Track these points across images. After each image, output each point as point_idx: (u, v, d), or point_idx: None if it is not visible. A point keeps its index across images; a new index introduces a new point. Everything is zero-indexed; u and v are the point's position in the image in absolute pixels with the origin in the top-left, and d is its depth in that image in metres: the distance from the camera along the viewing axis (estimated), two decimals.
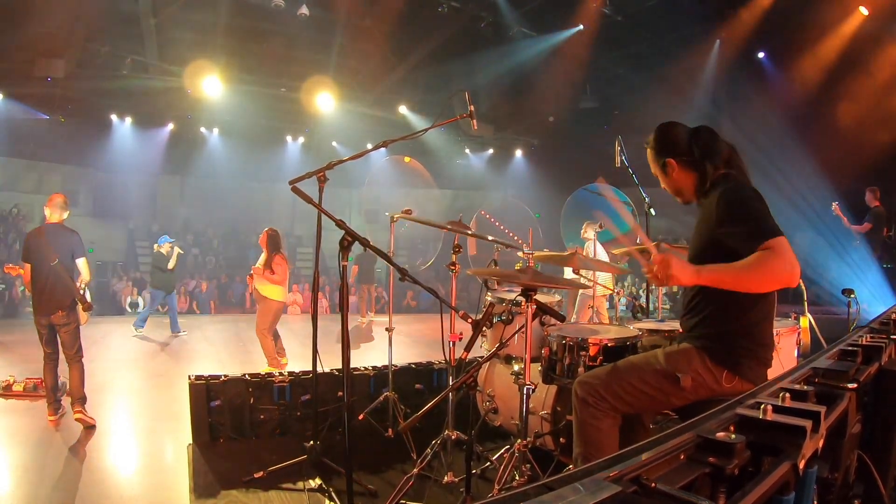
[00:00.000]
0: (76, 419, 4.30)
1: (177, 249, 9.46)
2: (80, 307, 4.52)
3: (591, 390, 2.21)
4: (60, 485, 3.37)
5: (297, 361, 6.27)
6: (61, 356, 4.51)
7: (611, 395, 2.18)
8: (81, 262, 4.62)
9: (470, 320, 2.55)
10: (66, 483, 3.41)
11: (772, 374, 2.16)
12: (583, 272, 4.50)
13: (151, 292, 9.94)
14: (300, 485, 3.11)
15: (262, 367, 6.00)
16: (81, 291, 4.58)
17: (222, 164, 15.86)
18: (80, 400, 4.37)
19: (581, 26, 10.08)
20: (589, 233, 7.14)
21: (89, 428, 4.29)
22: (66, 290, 4.44)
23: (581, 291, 7.05)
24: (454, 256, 3.37)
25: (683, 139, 2.24)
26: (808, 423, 0.92)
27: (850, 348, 1.52)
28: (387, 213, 4.02)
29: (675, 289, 13.44)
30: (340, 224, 2.65)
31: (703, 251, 2.14)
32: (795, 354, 3.14)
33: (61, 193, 4.69)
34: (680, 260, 1.94)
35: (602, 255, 7.11)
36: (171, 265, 9.31)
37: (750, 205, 2.01)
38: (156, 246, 9.67)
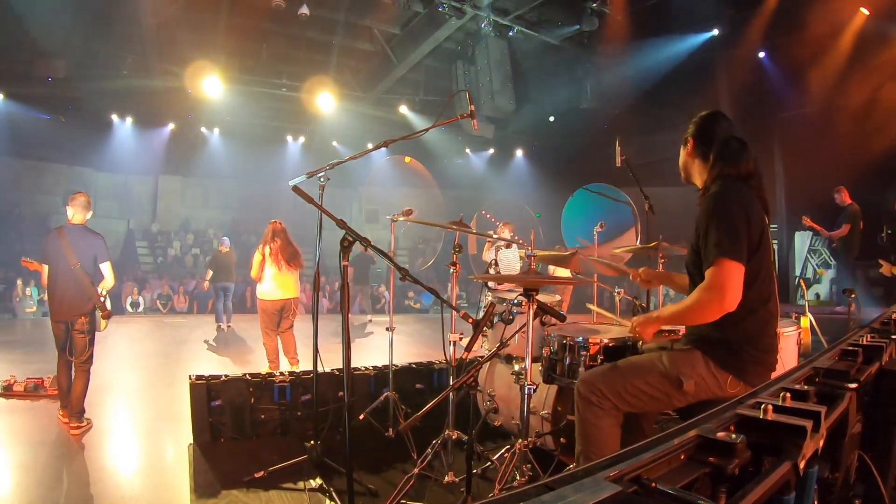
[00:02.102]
0: (73, 434, 4.16)
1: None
2: (99, 314, 4.41)
3: (593, 389, 2.22)
4: (61, 485, 3.37)
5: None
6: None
7: (613, 395, 2.19)
8: (106, 267, 4.45)
9: (471, 320, 2.55)
10: (67, 483, 3.41)
11: (773, 374, 2.17)
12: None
13: (225, 286, 10.37)
14: (301, 485, 3.11)
15: (263, 367, 6.00)
16: (102, 298, 4.44)
17: (223, 163, 15.88)
18: (78, 414, 4.23)
19: (579, 26, 10.06)
20: (505, 233, 7.09)
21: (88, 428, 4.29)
22: (86, 295, 4.29)
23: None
24: (455, 256, 3.37)
25: (716, 134, 2.30)
26: (808, 423, 0.92)
27: (850, 348, 1.52)
28: (388, 217, 4.01)
29: (671, 293, 13.44)
30: (341, 224, 2.65)
31: (694, 255, 2.20)
32: (796, 354, 3.15)
33: (84, 192, 4.48)
34: (643, 318, 2.27)
35: (514, 260, 7.12)
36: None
37: (718, 219, 2.06)
38: (223, 247, 10.53)
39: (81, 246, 4.33)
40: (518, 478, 2.57)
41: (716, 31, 10.21)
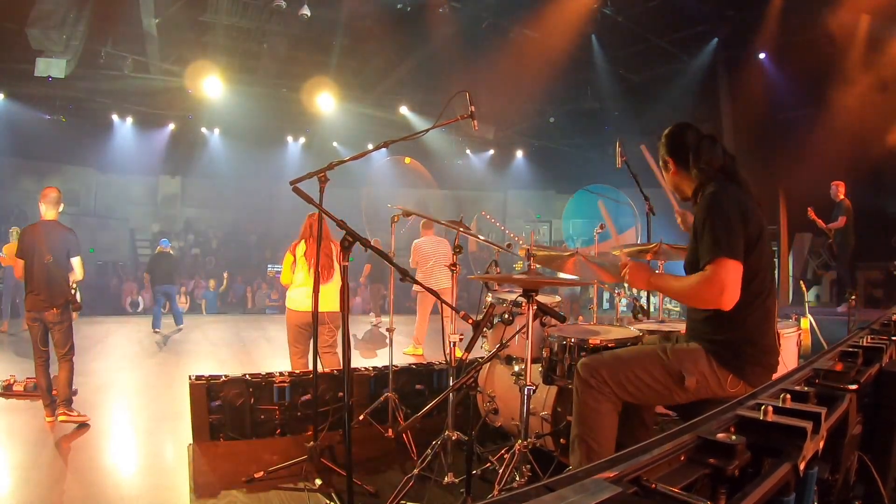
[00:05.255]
0: (61, 421, 4.26)
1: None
2: (70, 307, 4.50)
3: (593, 373, 2.22)
4: (61, 485, 3.37)
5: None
6: (52, 356, 4.47)
7: (613, 382, 2.20)
8: (76, 261, 4.56)
9: (470, 321, 2.55)
10: (67, 483, 3.41)
11: (774, 375, 2.17)
12: None
13: (167, 289, 9.89)
14: (300, 485, 3.11)
15: (263, 367, 5.98)
16: (73, 291, 4.55)
17: (223, 164, 15.88)
18: (66, 402, 4.32)
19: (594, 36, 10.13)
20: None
21: (83, 427, 4.29)
22: (59, 288, 4.41)
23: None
24: (455, 257, 3.37)
25: (688, 143, 2.32)
26: (808, 425, 0.92)
27: (850, 349, 1.52)
28: (389, 205, 4.00)
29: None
30: (342, 224, 2.65)
31: (693, 252, 2.21)
32: (796, 355, 3.14)
33: (54, 187, 4.60)
34: (639, 266, 2.26)
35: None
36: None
37: (715, 217, 2.09)
38: (160, 247, 10.08)
39: (54, 240, 4.44)
40: (518, 479, 2.57)
41: (718, 43, 10.23)
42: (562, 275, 3.04)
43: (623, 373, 2.20)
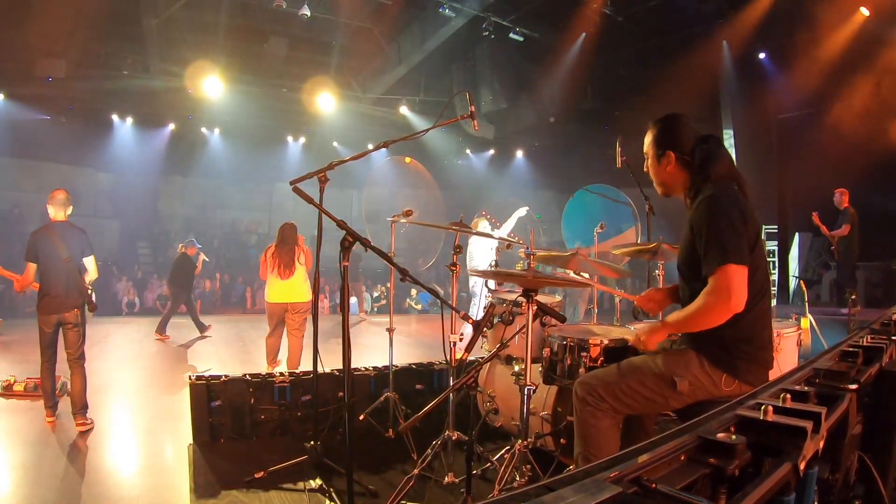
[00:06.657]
0: (80, 431, 4.20)
1: (202, 256, 9.64)
2: (86, 307, 4.46)
3: (590, 391, 2.22)
4: (61, 485, 3.37)
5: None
6: (58, 358, 4.41)
7: (610, 397, 2.19)
8: (90, 261, 4.53)
9: (470, 321, 2.55)
10: (67, 483, 3.41)
11: (773, 375, 2.17)
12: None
13: (175, 292, 9.31)
14: (301, 485, 3.11)
15: (264, 366, 5.98)
16: (89, 291, 4.51)
17: (223, 164, 15.87)
18: (83, 409, 4.27)
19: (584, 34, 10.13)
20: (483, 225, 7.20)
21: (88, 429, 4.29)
22: (79, 288, 4.38)
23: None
24: (455, 257, 3.37)
25: (690, 138, 2.27)
26: (808, 424, 0.92)
27: (850, 349, 1.52)
28: (389, 219, 4.02)
29: None
30: (342, 224, 2.65)
31: (688, 255, 2.19)
32: (796, 355, 3.14)
33: (63, 189, 4.55)
34: (647, 328, 2.23)
35: (485, 253, 7.10)
36: (198, 269, 9.55)
37: (718, 223, 2.06)
38: (181, 247, 9.57)
39: (70, 240, 4.41)
40: (518, 479, 2.57)
41: (724, 43, 10.21)
42: (566, 271, 3.03)
43: (618, 386, 2.19)
